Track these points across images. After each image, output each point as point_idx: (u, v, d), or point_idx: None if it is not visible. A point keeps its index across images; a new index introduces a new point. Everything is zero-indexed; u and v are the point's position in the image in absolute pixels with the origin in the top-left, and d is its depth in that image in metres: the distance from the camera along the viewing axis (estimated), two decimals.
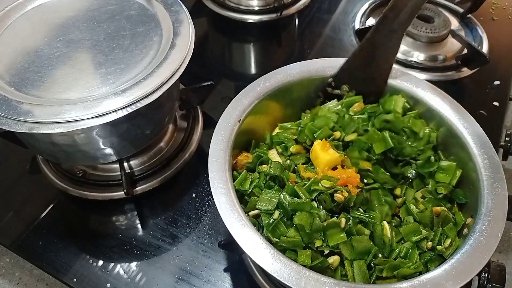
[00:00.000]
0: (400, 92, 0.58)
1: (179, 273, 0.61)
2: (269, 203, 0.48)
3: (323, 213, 0.47)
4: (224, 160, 0.50)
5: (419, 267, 0.46)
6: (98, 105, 0.52)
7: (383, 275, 0.45)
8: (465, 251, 0.43)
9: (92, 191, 0.68)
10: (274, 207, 0.48)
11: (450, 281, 0.41)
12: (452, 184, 0.52)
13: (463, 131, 0.53)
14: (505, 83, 0.87)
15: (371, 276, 0.46)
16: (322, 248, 0.46)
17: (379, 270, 0.46)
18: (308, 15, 1.05)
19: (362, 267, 0.46)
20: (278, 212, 0.48)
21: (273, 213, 0.48)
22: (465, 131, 0.53)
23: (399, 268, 0.45)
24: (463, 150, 0.52)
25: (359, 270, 0.46)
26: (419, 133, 0.56)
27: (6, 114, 0.51)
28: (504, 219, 0.45)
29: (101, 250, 0.64)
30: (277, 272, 0.41)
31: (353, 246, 0.46)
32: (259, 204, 0.48)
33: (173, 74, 0.57)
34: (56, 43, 0.61)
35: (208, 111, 0.80)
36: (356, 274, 0.46)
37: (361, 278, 0.45)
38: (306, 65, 0.60)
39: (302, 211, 0.46)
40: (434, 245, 0.48)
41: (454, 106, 0.56)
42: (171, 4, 0.66)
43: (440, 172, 0.53)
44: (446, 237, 0.49)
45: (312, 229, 0.46)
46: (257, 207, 0.48)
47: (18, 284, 0.87)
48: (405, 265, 0.45)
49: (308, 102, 0.62)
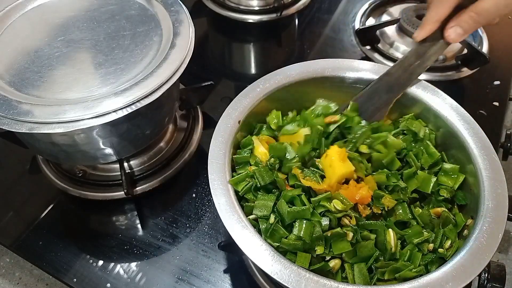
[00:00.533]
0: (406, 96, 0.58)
1: (179, 273, 0.61)
2: (264, 209, 0.47)
3: (325, 224, 0.46)
4: (224, 161, 0.50)
5: (422, 270, 0.46)
6: (98, 105, 0.52)
7: (385, 277, 0.45)
8: (466, 252, 0.43)
9: (92, 191, 0.68)
10: (269, 212, 0.47)
11: (451, 283, 0.41)
12: (455, 188, 0.52)
13: (463, 132, 0.53)
14: (505, 83, 0.87)
15: (372, 279, 0.46)
16: (324, 255, 0.46)
17: (380, 273, 0.46)
18: (308, 15, 1.04)
19: (363, 269, 0.46)
20: (273, 216, 0.47)
21: (269, 218, 0.47)
22: (465, 131, 0.53)
23: (401, 271, 0.45)
24: (463, 151, 0.52)
25: (359, 273, 0.45)
26: (419, 133, 0.56)
27: (6, 114, 0.51)
28: (505, 220, 0.45)
29: (101, 250, 0.64)
30: (277, 274, 0.41)
31: (356, 251, 0.46)
32: (255, 210, 0.48)
33: (173, 74, 0.57)
34: (56, 43, 0.61)
35: (208, 111, 0.80)
36: (357, 277, 0.45)
37: (362, 280, 0.45)
38: (306, 66, 0.60)
39: (302, 220, 0.46)
40: (435, 247, 0.48)
41: (454, 106, 0.56)
42: (171, 4, 0.66)
43: (443, 175, 0.53)
44: (446, 238, 0.48)
45: (312, 237, 0.45)
46: (253, 213, 0.48)
47: (18, 284, 0.87)
48: (407, 267, 0.45)
49: (308, 102, 0.62)
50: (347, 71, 0.60)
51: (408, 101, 0.58)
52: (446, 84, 0.85)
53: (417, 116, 0.58)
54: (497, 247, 0.43)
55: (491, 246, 0.43)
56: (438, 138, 0.56)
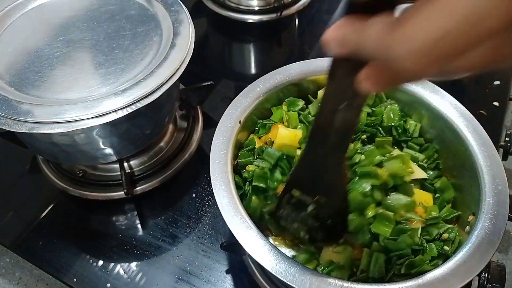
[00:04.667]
0: (400, 91, 0.58)
1: (179, 273, 0.61)
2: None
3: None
4: (225, 161, 0.50)
5: (437, 263, 0.46)
6: (98, 105, 0.52)
7: (402, 272, 0.45)
8: (468, 248, 0.43)
9: (92, 191, 0.68)
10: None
11: (455, 279, 0.41)
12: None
13: (463, 129, 0.53)
14: (505, 83, 0.87)
15: (388, 272, 0.46)
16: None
17: (397, 269, 0.46)
18: (308, 15, 1.04)
19: (381, 259, 0.46)
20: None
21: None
22: (465, 128, 0.53)
23: (418, 266, 0.45)
24: (463, 147, 0.52)
25: (376, 263, 0.46)
26: (406, 125, 0.57)
27: (6, 114, 0.51)
28: (506, 216, 0.45)
29: (101, 250, 0.64)
30: (281, 273, 0.41)
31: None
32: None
33: (173, 74, 0.57)
34: (56, 43, 0.61)
35: (208, 111, 0.80)
36: (372, 267, 0.46)
37: (377, 271, 0.45)
38: (305, 65, 0.60)
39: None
40: (450, 237, 0.48)
41: (453, 104, 0.56)
42: (171, 4, 0.66)
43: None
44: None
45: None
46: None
47: (18, 284, 0.87)
48: (424, 262, 0.46)
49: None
50: None
51: (408, 99, 0.58)
52: (446, 84, 0.85)
53: (415, 114, 0.59)
54: (497, 247, 0.43)
55: (494, 242, 0.43)
56: (436, 135, 0.57)
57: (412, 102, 0.58)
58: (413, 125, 0.58)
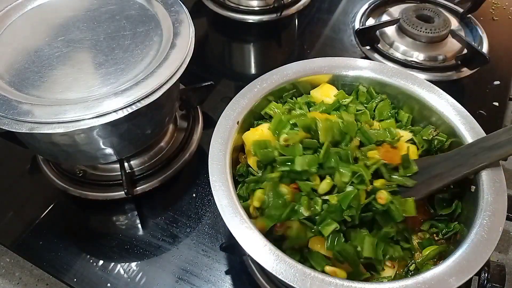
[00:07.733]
0: (397, 90, 0.59)
1: (179, 273, 0.61)
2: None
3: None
4: (224, 162, 0.50)
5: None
6: (98, 105, 0.52)
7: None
8: (467, 246, 0.43)
9: (92, 191, 0.68)
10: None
11: (454, 277, 0.41)
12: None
13: (460, 127, 0.53)
14: (505, 83, 0.87)
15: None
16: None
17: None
18: (308, 15, 1.05)
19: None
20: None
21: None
22: (462, 126, 0.53)
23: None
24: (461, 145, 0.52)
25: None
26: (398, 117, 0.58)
27: (6, 114, 0.51)
28: (505, 213, 0.45)
29: (101, 250, 0.64)
30: (282, 273, 0.41)
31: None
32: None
33: (173, 74, 0.57)
34: (56, 43, 0.61)
35: (208, 111, 0.80)
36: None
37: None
38: (302, 65, 0.60)
39: None
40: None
41: (450, 102, 0.56)
42: (171, 4, 0.66)
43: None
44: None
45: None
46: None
47: (18, 284, 0.87)
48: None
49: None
50: (343, 69, 0.60)
51: (403, 97, 0.58)
52: (446, 84, 0.85)
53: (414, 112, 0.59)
54: (497, 247, 0.43)
55: (493, 239, 0.43)
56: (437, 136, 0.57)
57: (407, 101, 0.59)
58: (405, 116, 0.58)
